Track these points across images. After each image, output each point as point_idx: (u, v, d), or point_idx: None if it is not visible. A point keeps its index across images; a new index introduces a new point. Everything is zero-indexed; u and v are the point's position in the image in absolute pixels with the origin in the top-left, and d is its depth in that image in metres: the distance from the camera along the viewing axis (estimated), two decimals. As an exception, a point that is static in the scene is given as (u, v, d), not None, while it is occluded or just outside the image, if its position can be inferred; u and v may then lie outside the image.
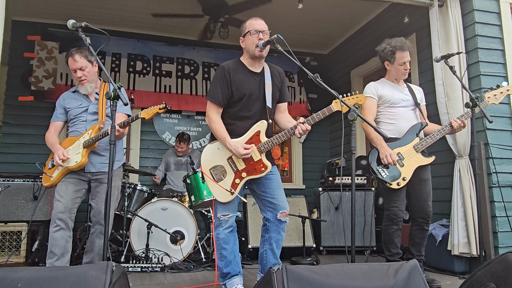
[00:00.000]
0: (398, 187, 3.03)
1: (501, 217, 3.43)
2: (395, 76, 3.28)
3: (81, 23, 2.29)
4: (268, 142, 2.58)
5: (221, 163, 2.63)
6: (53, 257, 2.77)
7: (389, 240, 3.14)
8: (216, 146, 2.66)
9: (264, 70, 2.73)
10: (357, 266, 1.72)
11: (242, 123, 2.63)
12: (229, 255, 2.65)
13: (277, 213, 2.65)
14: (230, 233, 2.67)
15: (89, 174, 3.00)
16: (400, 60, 3.18)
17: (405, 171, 3.05)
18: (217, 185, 2.59)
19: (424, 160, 3.10)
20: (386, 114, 3.24)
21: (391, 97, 3.20)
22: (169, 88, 5.88)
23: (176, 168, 5.16)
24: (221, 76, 2.62)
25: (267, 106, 2.65)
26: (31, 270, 1.39)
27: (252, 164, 2.60)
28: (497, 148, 3.56)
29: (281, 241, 2.72)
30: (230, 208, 2.65)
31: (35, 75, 5.29)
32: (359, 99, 2.60)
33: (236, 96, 2.62)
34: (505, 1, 3.90)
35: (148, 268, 3.64)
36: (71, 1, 5.00)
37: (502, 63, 3.77)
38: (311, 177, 6.29)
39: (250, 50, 2.63)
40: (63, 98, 3.09)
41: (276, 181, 2.71)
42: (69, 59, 2.97)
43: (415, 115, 3.25)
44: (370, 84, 3.31)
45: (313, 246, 4.43)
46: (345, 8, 5.13)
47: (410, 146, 3.09)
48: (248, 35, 2.62)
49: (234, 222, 2.69)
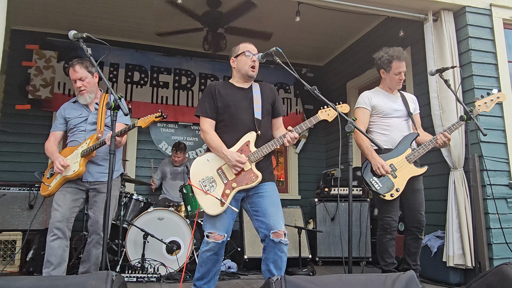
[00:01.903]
0: (391, 198, 3.05)
1: (495, 229, 3.46)
2: (389, 85, 3.30)
3: (82, 34, 2.32)
4: (258, 152, 2.57)
5: (210, 174, 2.59)
6: (49, 266, 2.77)
7: (383, 250, 3.15)
8: (206, 158, 2.64)
9: (252, 86, 2.78)
10: (355, 277, 1.73)
11: (231, 135, 2.63)
12: (203, 273, 2.59)
13: (269, 233, 2.49)
14: (211, 256, 2.54)
15: (87, 184, 3.01)
16: (396, 70, 3.20)
17: (398, 182, 3.07)
18: (207, 194, 2.52)
19: (417, 171, 3.11)
20: (379, 125, 3.26)
21: (384, 108, 3.22)
22: (166, 100, 5.91)
23: (172, 178, 5.16)
24: (206, 91, 2.73)
25: (256, 118, 2.66)
26: (32, 279, 1.39)
27: (242, 174, 2.56)
28: (491, 160, 3.61)
29: (280, 262, 2.52)
30: (218, 225, 2.51)
31: (33, 83, 5.30)
32: (343, 108, 2.64)
33: (221, 108, 2.65)
34: (498, 17, 3.99)
35: (144, 278, 3.62)
36: (69, 11, 5.04)
37: (495, 77, 3.84)
38: (307, 188, 6.31)
39: (242, 70, 2.70)
40: (64, 109, 3.14)
41: (270, 199, 2.58)
42: (70, 69, 3.03)
43: (407, 125, 3.28)
44: (364, 94, 3.32)
45: (309, 257, 4.43)
46: (341, 21, 5.21)
47: (403, 157, 3.11)
48: (242, 56, 2.69)
49: (217, 247, 2.50)
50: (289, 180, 6.45)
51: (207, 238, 2.52)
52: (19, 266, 4.08)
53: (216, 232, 2.50)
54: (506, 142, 3.73)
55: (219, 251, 2.56)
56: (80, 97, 3.07)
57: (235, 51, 2.76)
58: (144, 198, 4.48)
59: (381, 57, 3.26)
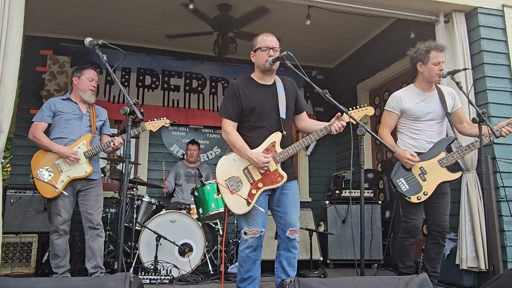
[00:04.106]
0: (417, 201, 2.98)
1: (509, 231, 3.43)
2: (428, 78, 3.11)
3: (98, 41, 2.37)
4: (284, 152, 2.58)
5: (236, 174, 2.62)
6: (57, 259, 3.20)
7: (404, 253, 3.10)
8: (232, 157, 2.67)
9: (276, 82, 2.75)
10: (368, 279, 1.74)
11: (257, 135, 2.64)
12: (244, 274, 2.63)
13: (286, 230, 2.60)
14: (251, 253, 2.59)
15: (83, 181, 3.29)
16: (434, 59, 3.05)
17: (426, 185, 3.00)
18: (234, 194, 2.56)
19: (449, 176, 3.02)
20: (409, 128, 3.16)
21: (416, 112, 3.10)
22: (177, 103, 5.97)
23: (186, 180, 5.20)
24: (230, 92, 2.69)
25: (281, 117, 2.65)
26: (52, 280, 1.44)
27: (268, 174, 2.59)
28: (504, 162, 3.58)
29: (293, 259, 2.64)
30: (254, 222, 2.57)
31: (47, 88, 5.40)
32: (368, 111, 2.64)
33: (246, 109, 2.64)
34: (510, 17, 3.96)
35: (157, 280, 3.66)
36: (82, 17, 5.13)
37: (508, 78, 3.81)
38: (318, 190, 6.30)
39: (260, 65, 2.68)
40: (53, 103, 3.36)
41: (292, 197, 2.66)
42: (91, 71, 3.44)
43: (439, 129, 3.16)
44: (394, 96, 3.19)
45: (320, 259, 4.43)
46: (351, 23, 5.21)
47: (435, 160, 3.03)
48: (258, 51, 2.66)
49: (256, 242, 2.58)
50: (300, 183, 6.45)
51: (245, 235, 2.59)
52: (35, 267, 4.16)
53: (254, 228, 2.57)
54: (520, 144, 3.70)
55: (257, 247, 2.62)
56: (88, 95, 3.40)
57: (253, 46, 2.72)
58: (156, 201, 4.53)
59: (418, 49, 3.14)
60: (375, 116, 5.77)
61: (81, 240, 3.99)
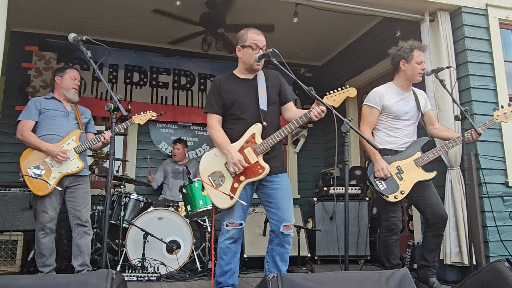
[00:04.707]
0: (395, 200, 3.01)
1: (491, 227, 3.50)
2: (410, 77, 3.14)
3: (82, 37, 2.35)
4: (264, 143, 2.58)
5: (218, 169, 2.64)
6: (43, 257, 3.19)
7: (389, 251, 3.12)
8: (213, 152, 2.70)
9: (257, 76, 2.76)
10: (350, 274, 1.77)
11: (238, 127, 2.65)
12: (225, 266, 2.64)
13: (280, 225, 2.58)
14: (231, 245, 2.62)
15: (70, 178, 3.28)
16: (418, 58, 3.09)
17: (403, 184, 3.03)
18: (217, 190, 2.59)
19: (425, 175, 3.05)
20: (386, 125, 3.19)
21: (395, 110, 3.13)
22: (166, 100, 5.94)
23: (174, 177, 5.20)
24: (212, 88, 2.76)
25: (261, 109, 2.65)
26: (34, 278, 1.43)
27: (249, 167, 2.59)
28: (487, 159, 3.65)
29: (286, 254, 2.65)
30: (234, 215, 2.61)
31: (33, 85, 5.33)
32: (350, 92, 2.52)
33: (228, 103, 2.68)
34: (494, 17, 4.02)
35: (144, 278, 3.65)
36: (68, 12, 5.08)
37: (491, 76, 3.87)
38: (306, 187, 6.35)
39: (248, 63, 2.69)
40: (39, 101, 3.37)
41: (283, 191, 2.65)
42: (74, 70, 3.50)
43: (414, 130, 3.21)
44: (376, 91, 3.20)
45: (308, 255, 4.47)
46: (339, 21, 5.24)
47: (411, 160, 3.06)
48: (248, 49, 2.66)
49: (237, 234, 2.62)
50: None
51: (227, 227, 2.63)
52: (20, 266, 4.12)
53: (234, 221, 2.62)
54: (502, 141, 3.77)
55: (238, 239, 2.65)
56: (72, 94, 3.45)
57: (242, 40, 2.69)
58: (144, 198, 4.51)
59: (401, 47, 3.16)
60: (363, 114, 5.82)
61: (67, 238, 3.97)
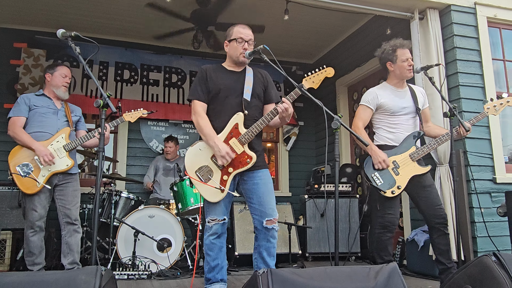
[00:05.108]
0: (392, 195, 3.02)
1: (479, 223, 3.54)
2: (400, 75, 3.18)
3: (70, 33, 2.32)
4: (248, 132, 2.56)
5: (205, 163, 2.61)
6: (32, 256, 3.16)
7: (382, 248, 3.12)
8: (198, 147, 2.65)
9: (245, 69, 2.76)
10: (340, 269, 1.78)
11: (221, 118, 2.63)
12: (212, 262, 2.64)
13: (263, 220, 2.58)
14: (215, 240, 2.64)
15: (60, 176, 3.25)
16: (402, 57, 3.13)
17: (400, 179, 3.03)
18: (206, 185, 2.56)
19: (420, 169, 3.06)
20: (385, 123, 3.21)
21: (391, 106, 3.15)
22: (156, 97, 5.91)
23: (165, 174, 5.17)
24: (199, 75, 2.72)
25: (244, 98, 2.64)
26: (21, 275, 1.42)
27: (236, 157, 2.57)
28: (475, 156, 3.69)
29: (272, 248, 2.64)
30: (217, 211, 2.62)
31: (21, 82, 5.27)
32: (328, 72, 2.52)
33: (213, 91, 2.65)
34: (482, 15, 4.07)
35: (135, 276, 3.64)
36: (58, 9, 5.02)
37: (480, 74, 3.92)
38: (297, 185, 6.36)
39: (234, 56, 2.69)
40: (28, 98, 3.33)
41: (264, 186, 2.64)
42: (65, 67, 3.45)
43: (414, 123, 3.23)
44: (370, 92, 3.24)
45: (299, 252, 4.49)
46: (330, 19, 5.26)
47: (406, 154, 3.08)
48: (233, 42, 2.67)
49: (220, 229, 2.63)
50: (279, 177, 6.50)
51: (209, 223, 2.63)
52: (9, 265, 4.08)
53: (216, 217, 2.62)
54: (490, 138, 3.82)
55: (221, 234, 2.66)
56: (62, 92, 3.40)
57: (229, 35, 2.71)
58: (134, 196, 4.50)
59: (384, 50, 3.20)
60: (353, 112, 5.85)
61: (57, 236, 3.94)
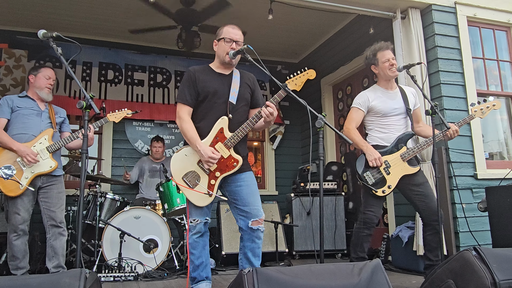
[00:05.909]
0: (383, 195, 3.08)
1: (461, 218, 3.62)
2: (384, 76, 3.26)
3: (52, 33, 2.29)
4: (234, 136, 2.57)
5: (192, 169, 2.61)
6: (15, 260, 3.13)
7: (358, 243, 3.17)
8: (183, 153, 2.65)
9: (233, 72, 2.76)
10: (324, 267, 1.80)
11: (207, 122, 2.62)
12: (196, 260, 2.66)
13: (248, 221, 2.58)
14: (199, 238, 2.65)
15: (43, 179, 3.21)
16: (383, 59, 3.21)
17: (390, 179, 3.09)
18: (194, 191, 2.57)
19: (410, 169, 3.11)
20: (377, 124, 3.26)
21: (383, 108, 3.21)
22: (141, 97, 5.87)
23: (151, 175, 5.14)
24: (187, 78, 2.68)
25: (229, 101, 2.63)
26: (4, 279, 1.40)
27: (223, 161, 2.58)
28: (457, 152, 3.77)
29: (257, 249, 2.64)
30: (199, 213, 2.64)
31: (2, 83, 5.19)
32: (309, 74, 2.60)
33: (201, 95, 2.63)
34: (462, 14, 4.15)
35: (121, 278, 3.61)
36: (40, 9, 4.95)
37: (460, 72, 4.00)
38: (284, 183, 6.40)
39: (221, 56, 2.68)
40: (11, 99, 3.29)
41: (249, 188, 2.65)
42: (49, 69, 3.42)
43: (406, 123, 3.28)
44: (362, 95, 3.30)
45: (286, 251, 4.51)
46: (314, 19, 5.30)
47: (397, 154, 3.13)
48: (222, 41, 2.66)
49: (203, 228, 2.66)
50: (266, 176, 6.53)
51: (191, 223, 2.66)
52: (-8, 269, 4.00)
53: (198, 219, 2.65)
54: (471, 135, 3.90)
55: (204, 233, 2.69)
56: (45, 93, 3.36)
57: (218, 34, 2.70)
58: (120, 198, 4.46)
59: (366, 56, 3.32)
60: (338, 110, 5.91)
61: (41, 240, 3.88)
